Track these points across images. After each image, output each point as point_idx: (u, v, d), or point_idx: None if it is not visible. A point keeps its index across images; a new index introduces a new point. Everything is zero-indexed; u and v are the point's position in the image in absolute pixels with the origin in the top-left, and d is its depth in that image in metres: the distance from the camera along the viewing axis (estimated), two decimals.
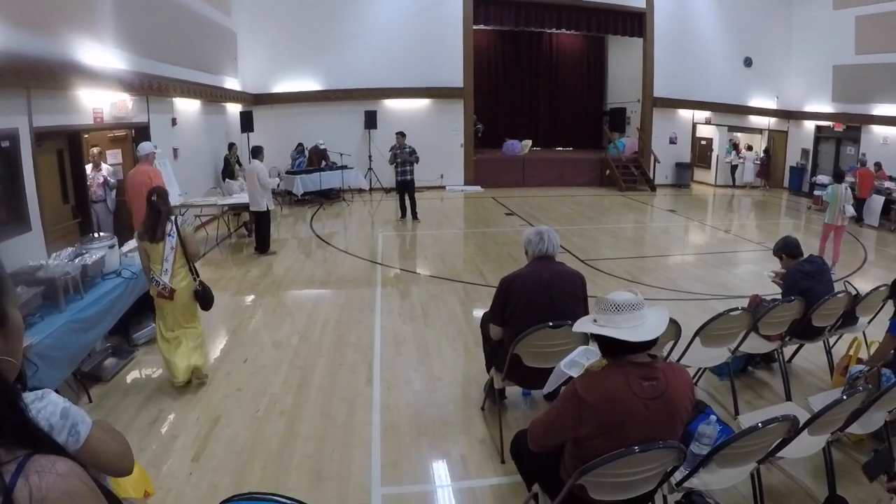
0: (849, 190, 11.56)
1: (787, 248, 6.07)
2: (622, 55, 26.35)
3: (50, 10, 8.22)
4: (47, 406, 1.75)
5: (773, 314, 5.24)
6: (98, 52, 9.44)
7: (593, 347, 3.52)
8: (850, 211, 11.27)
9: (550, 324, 4.22)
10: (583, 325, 2.98)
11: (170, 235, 5.44)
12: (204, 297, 5.76)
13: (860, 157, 19.32)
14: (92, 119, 9.59)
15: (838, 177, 12.45)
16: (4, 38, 7.04)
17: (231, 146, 15.45)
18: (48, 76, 7.84)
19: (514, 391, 5.38)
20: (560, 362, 3.54)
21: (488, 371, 5.16)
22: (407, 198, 14.85)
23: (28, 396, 1.64)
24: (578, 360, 3.40)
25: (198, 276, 5.71)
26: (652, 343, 2.81)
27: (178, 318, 5.68)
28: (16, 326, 1.27)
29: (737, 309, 5.07)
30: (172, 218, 5.56)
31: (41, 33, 7.92)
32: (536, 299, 4.38)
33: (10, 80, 7.07)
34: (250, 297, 8.82)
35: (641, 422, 2.72)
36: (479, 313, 7.68)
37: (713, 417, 3.39)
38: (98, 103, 9.70)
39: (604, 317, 2.85)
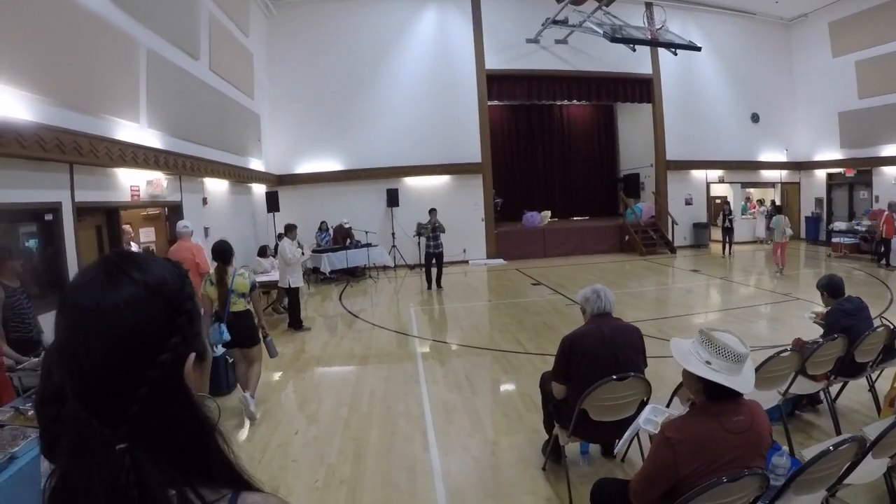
0: (786, 218, 16.76)
1: (830, 287, 6.15)
2: (632, 121, 26.96)
3: (91, 91, 8.70)
4: None
5: (820, 353, 5.34)
6: (135, 132, 9.87)
7: (660, 406, 3.70)
8: (789, 231, 16.33)
9: (615, 377, 4.30)
10: (694, 366, 2.97)
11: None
12: None
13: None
14: (129, 196, 10.00)
15: (778, 210, 17.38)
16: (51, 115, 7.48)
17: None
18: (90, 152, 8.22)
19: (571, 450, 5.36)
20: (638, 419, 3.65)
21: (548, 431, 5.27)
22: (434, 268, 15.42)
23: None
24: (652, 418, 3.50)
25: None
26: None
27: None
28: (208, 361, 1.26)
29: (786, 350, 5.18)
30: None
31: (83, 112, 8.38)
32: (600, 355, 4.47)
33: (54, 153, 7.45)
34: (291, 372, 8.93)
35: (735, 457, 2.83)
36: (523, 379, 7.75)
37: (784, 449, 3.47)
38: (135, 181, 10.12)
39: (720, 363, 2.90)
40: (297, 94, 20.15)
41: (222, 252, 7.14)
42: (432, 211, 15.59)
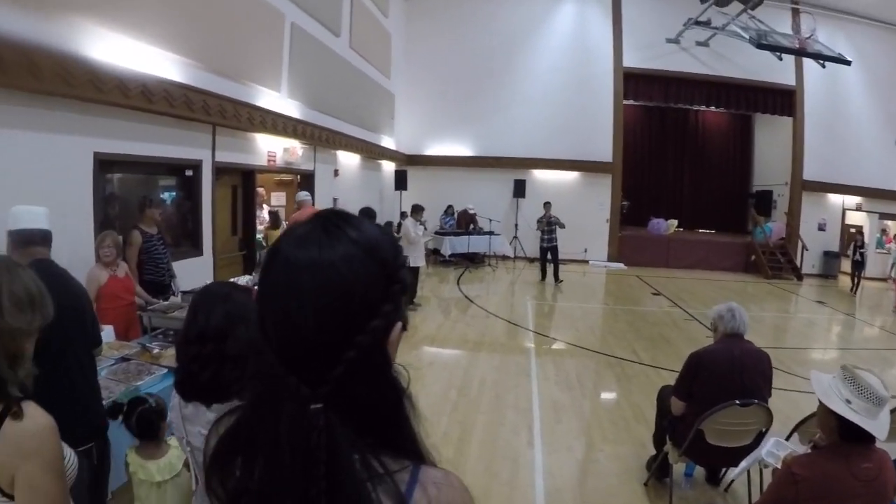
0: None
1: None
2: (770, 134, 25.38)
3: (237, 58, 9.22)
4: None
5: None
6: (275, 100, 10.31)
7: (783, 440, 3.69)
8: None
9: (738, 402, 4.21)
10: (835, 404, 2.85)
11: None
12: None
13: None
14: (266, 161, 10.49)
15: None
16: (199, 78, 7.95)
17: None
18: (233, 116, 8.69)
19: (675, 470, 5.20)
20: (760, 450, 3.64)
21: (657, 447, 5.18)
22: (550, 262, 15.69)
23: None
24: (774, 451, 3.48)
25: None
26: None
27: None
28: (406, 330, 1.20)
29: None
30: None
31: (229, 78, 8.85)
32: (726, 376, 4.36)
33: (200, 114, 7.87)
34: (404, 349, 8.85)
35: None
36: (636, 389, 7.61)
37: None
38: (272, 147, 10.60)
39: (860, 403, 2.79)
40: (432, 77, 20.47)
41: (369, 217, 7.72)
42: (547, 204, 15.69)
